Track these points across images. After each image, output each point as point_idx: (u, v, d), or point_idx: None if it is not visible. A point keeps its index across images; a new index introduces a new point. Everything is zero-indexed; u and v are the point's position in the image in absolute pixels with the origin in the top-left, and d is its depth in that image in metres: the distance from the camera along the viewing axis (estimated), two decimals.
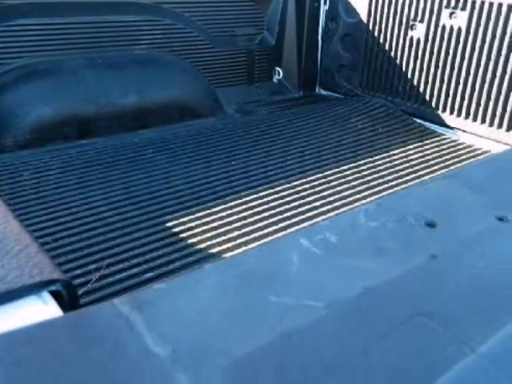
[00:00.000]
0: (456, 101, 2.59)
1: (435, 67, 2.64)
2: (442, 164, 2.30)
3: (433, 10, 2.60)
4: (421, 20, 2.67)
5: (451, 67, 2.57)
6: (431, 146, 2.49)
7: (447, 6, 2.54)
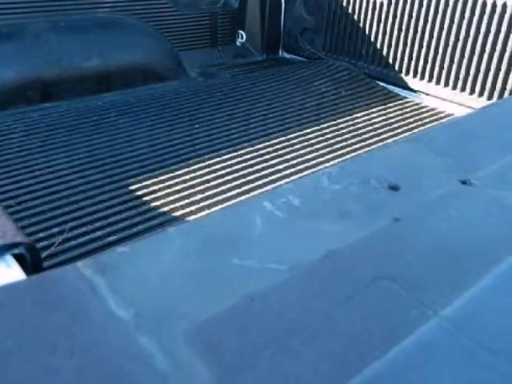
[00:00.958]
0: (419, 64, 2.60)
1: (398, 30, 2.64)
2: (406, 127, 2.32)
3: None
4: None
5: (414, 30, 2.57)
6: (394, 110, 2.50)
7: None
